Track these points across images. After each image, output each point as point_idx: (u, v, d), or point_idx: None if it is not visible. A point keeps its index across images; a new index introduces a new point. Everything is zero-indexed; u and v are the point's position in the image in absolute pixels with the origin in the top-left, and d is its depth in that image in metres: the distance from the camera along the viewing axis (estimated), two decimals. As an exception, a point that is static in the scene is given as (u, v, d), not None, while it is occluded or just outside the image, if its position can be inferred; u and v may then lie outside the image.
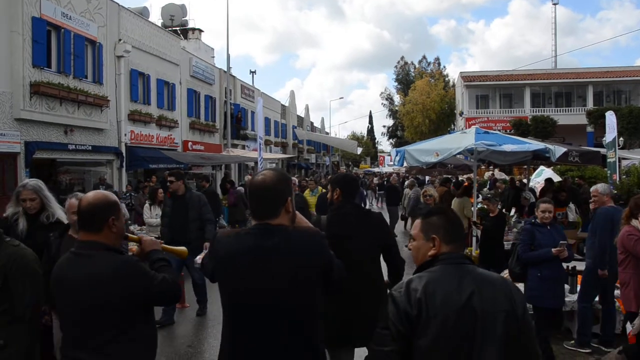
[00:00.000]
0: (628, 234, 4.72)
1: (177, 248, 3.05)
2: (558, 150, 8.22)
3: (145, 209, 8.85)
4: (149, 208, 8.65)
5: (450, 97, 50.62)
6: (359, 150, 56.12)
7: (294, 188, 8.41)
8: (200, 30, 29.24)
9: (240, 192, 13.97)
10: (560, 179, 13.90)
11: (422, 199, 8.84)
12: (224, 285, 2.33)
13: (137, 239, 2.80)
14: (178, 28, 26.89)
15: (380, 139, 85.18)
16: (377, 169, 49.82)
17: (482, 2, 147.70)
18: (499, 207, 8.55)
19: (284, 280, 2.21)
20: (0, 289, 2.86)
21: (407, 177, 22.30)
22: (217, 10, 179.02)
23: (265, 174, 2.36)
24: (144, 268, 2.53)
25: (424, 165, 10.27)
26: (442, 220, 2.15)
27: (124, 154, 17.36)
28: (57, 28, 14.04)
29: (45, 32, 13.54)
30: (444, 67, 78.39)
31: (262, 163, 12.85)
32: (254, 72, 39.56)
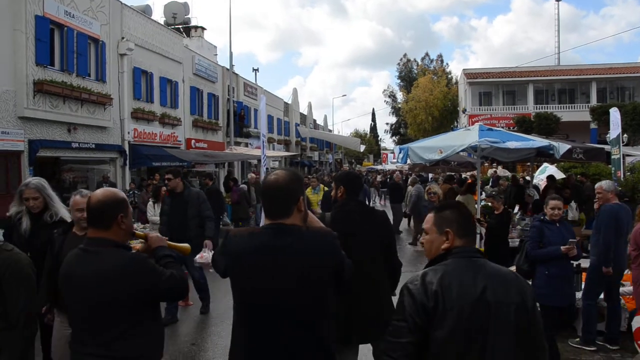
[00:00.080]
0: None
1: (180, 245, 3.09)
2: (562, 147, 8.21)
3: (149, 207, 8.87)
4: (153, 206, 8.66)
5: (453, 94, 50.46)
6: (362, 148, 56.06)
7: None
8: (203, 28, 29.23)
9: (243, 189, 13.96)
10: (564, 176, 13.84)
11: (426, 197, 8.81)
12: (236, 283, 2.33)
13: (143, 236, 2.84)
14: (181, 26, 26.88)
15: (383, 137, 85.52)
16: (380, 167, 49.74)
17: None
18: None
19: (296, 280, 2.21)
20: None
21: (410, 174, 22.25)
22: (219, 8, 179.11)
23: (278, 174, 2.37)
24: (152, 264, 2.55)
25: (428, 163, 10.27)
26: (455, 215, 2.19)
27: (127, 152, 17.36)
28: (60, 26, 14.04)
29: (49, 30, 13.54)
30: (447, 64, 78.61)
31: (265, 161, 12.81)
32: (257, 69, 39.79)
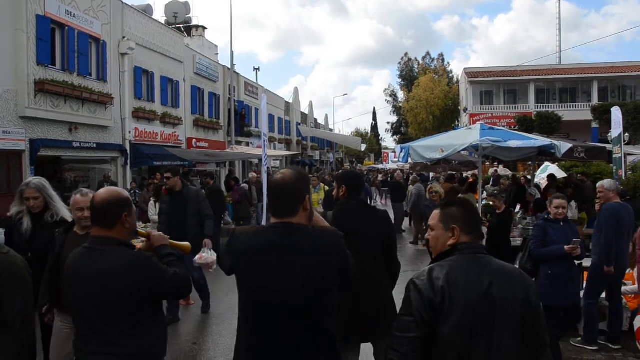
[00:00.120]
0: None
1: (181, 243, 3.10)
2: (564, 146, 8.20)
3: (150, 206, 8.88)
4: (154, 205, 8.65)
5: (454, 93, 50.43)
6: (363, 147, 56.04)
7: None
8: (204, 28, 29.24)
9: (245, 189, 13.94)
10: (565, 175, 13.82)
11: (427, 196, 8.79)
12: (242, 281, 2.34)
13: (146, 235, 2.86)
14: (182, 25, 26.89)
15: (384, 136, 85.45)
16: (381, 166, 49.71)
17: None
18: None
19: (302, 279, 2.22)
20: None
21: (411, 173, 22.23)
22: (220, 8, 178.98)
23: (285, 173, 2.39)
24: (156, 263, 2.57)
25: (429, 162, 10.23)
26: (461, 211, 2.21)
27: (129, 152, 17.38)
28: (61, 26, 14.05)
29: (50, 30, 13.54)
30: (448, 63, 78.62)
31: (266, 160, 12.80)
32: (258, 69, 40.16)
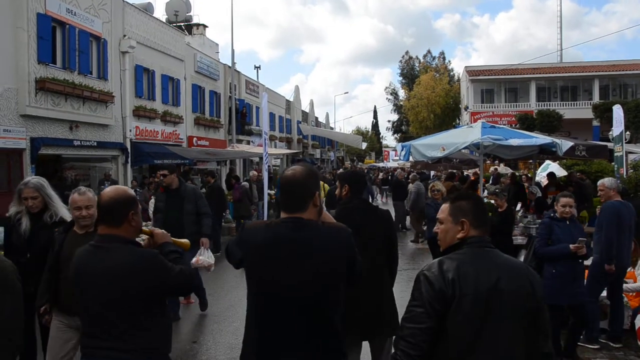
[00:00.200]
0: None
1: (180, 240, 3.14)
2: (565, 145, 8.19)
3: (151, 204, 8.89)
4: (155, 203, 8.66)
5: (455, 91, 50.41)
6: (364, 145, 56.05)
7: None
8: (205, 26, 29.25)
9: (245, 187, 13.94)
10: (566, 174, 13.80)
11: (429, 194, 8.78)
12: (252, 274, 2.37)
13: (149, 232, 2.88)
14: (182, 24, 26.87)
15: (385, 134, 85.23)
16: (381, 164, 49.64)
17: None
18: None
19: (312, 274, 2.25)
20: None
21: (411, 171, 22.22)
22: (221, 6, 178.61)
23: (295, 169, 2.44)
24: (162, 261, 2.58)
25: (430, 160, 10.21)
26: (470, 205, 2.26)
27: (129, 150, 17.38)
28: (62, 24, 14.04)
29: (50, 28, 13.54)
30: (449, 61, 78.32)
31: (267, 158, 12.79)
32: (259, 67, 40.29)
